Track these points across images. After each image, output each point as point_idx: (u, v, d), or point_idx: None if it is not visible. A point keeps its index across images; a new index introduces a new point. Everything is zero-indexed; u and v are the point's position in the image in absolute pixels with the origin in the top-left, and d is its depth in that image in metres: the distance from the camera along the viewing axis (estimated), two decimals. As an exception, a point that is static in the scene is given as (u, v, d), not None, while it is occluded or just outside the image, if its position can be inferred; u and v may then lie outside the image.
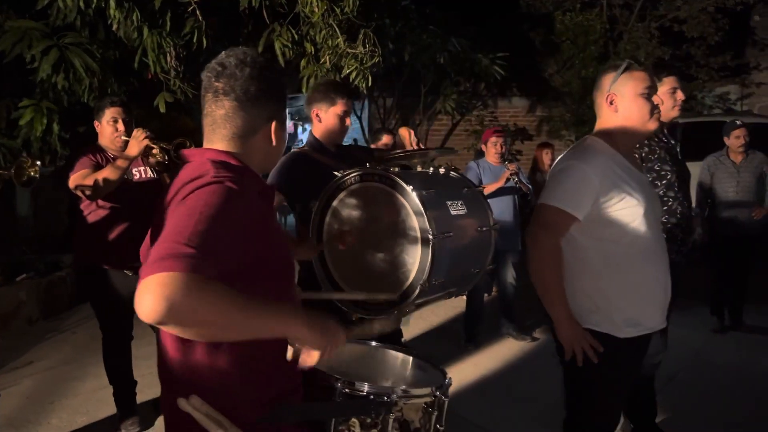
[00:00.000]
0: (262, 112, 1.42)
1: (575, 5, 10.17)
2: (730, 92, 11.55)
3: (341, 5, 5.42)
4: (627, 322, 2.15)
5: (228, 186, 1.24)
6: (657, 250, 2.22)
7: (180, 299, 1.03)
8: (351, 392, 1.45)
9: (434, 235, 1.76)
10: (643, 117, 2.20)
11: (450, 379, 1.63)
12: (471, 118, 10.85)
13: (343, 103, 2.83)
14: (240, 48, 1.43)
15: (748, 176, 4.99)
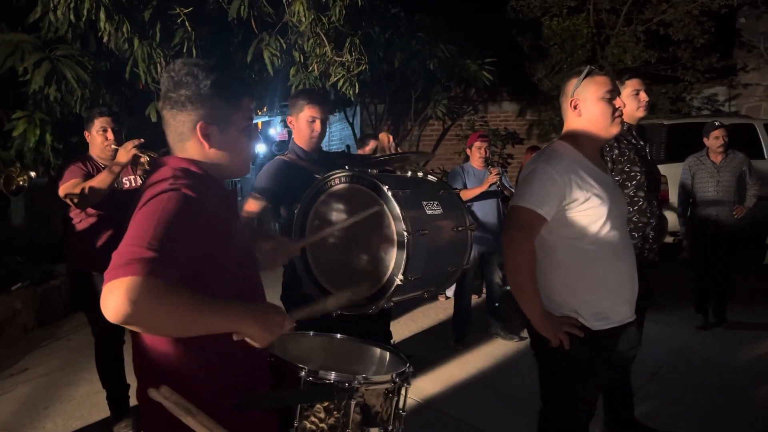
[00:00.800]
0: (188, 118, 1.45)
1: (562, 10, 10.32)
2: (718, 94, 11.69)
3: (328, 14, 5.54)
4: (596, 316, 2.24)
5: (184, 193, 1.33)
6: (623, 247, 2.31)
7: (141, 302, 1.14)
8: (315, 380, 1.54)
9: (410, 233, 1.85)
10: (605, 120, 2.29)
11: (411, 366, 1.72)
12: (462, 122, 10.96)
13: (310, 108, 2.90)
14: (193, 59, 1.49)
15: (728, 176, 5.09)
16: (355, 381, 1.54)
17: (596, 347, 2.29)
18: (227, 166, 1.51)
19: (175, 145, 1.50)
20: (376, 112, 10.63)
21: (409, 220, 1.87)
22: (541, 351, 2.41)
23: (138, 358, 1.47)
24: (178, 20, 5.16)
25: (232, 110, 1.48)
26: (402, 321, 5.73)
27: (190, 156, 1.48)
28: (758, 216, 5.67)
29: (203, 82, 1.43)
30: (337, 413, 1.48)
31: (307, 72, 5.70)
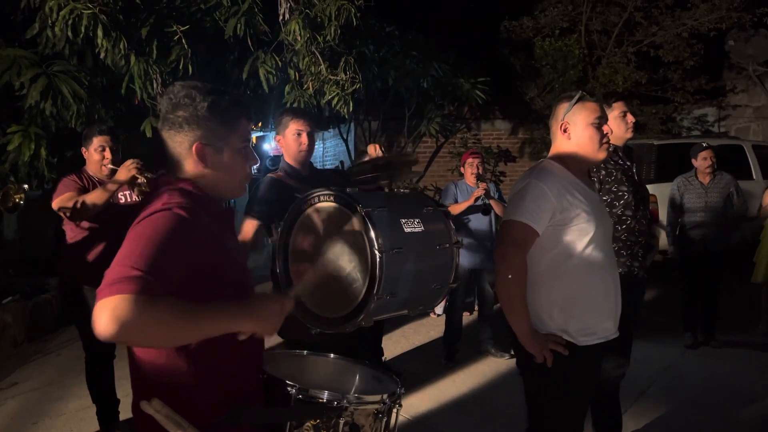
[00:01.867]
0: (184, 138, 1.49)
1: (554, 31, 10.47)
2: (708, 114, 11.86)
3: (324, 33, 5.62)
4: (581, 331, 2.28)
5: (176, 212, 1.37)
6: (607, 264, 2.36)
7: (128, 320, 1.18)
8: (305, 398, 1.57)
9: (382, 252, 1.88)
10: (593, 145, 2.36)
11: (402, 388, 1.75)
12: (455, 140, 11.05)
13: (295, 122, 2.95)
14: (192, 82, 1.52)
15: (715, 196, 5.17)
16: (344, 400, 1.57)
17: (582, 363, 2.33)
18: (223, 186, 1.55)
19: (172, 164, 1.53)
20: (370, 129, 10.71)
21: (383, 239, 1.90)
22: (528, 369, 2.44)
23: (133, 371, 1.50)
24: (175, 37, 5.21)
25: (227, 132, 1.51)
26: (393, 338, 5.75)
27: (186, 176, 1.52)
28: (747, 235, 5.75)
29: (200, 104, 1.47)
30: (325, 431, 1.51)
31: (302, 90, 5.76)
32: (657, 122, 10.45)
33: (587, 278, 2.30)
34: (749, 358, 4.99)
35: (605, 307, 2.35)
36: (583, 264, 2.28)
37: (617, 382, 3.37)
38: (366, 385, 1.87)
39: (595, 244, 2.29)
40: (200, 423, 1.35)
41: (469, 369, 4.88)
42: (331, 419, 1.53)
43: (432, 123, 10.14)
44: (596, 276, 2.31)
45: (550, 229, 2.27)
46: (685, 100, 10.73)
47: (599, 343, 2.35)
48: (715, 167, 5.25)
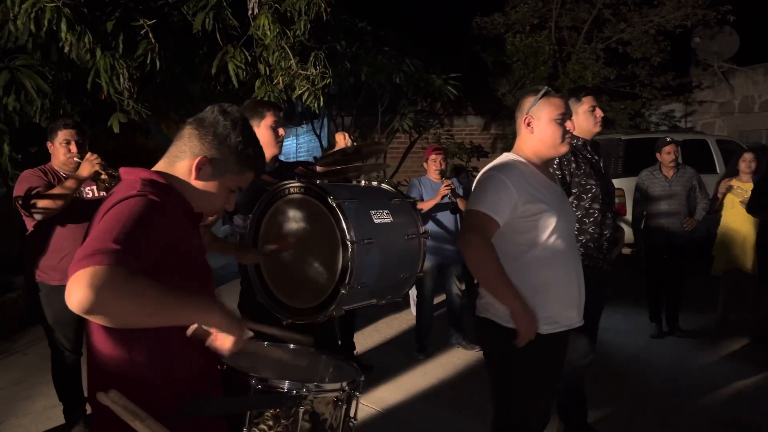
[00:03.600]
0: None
1: (525, 27, 10.59)
2: (675, 110, 12.11)
3: (293, 28, 5.60)
4: (545, 319, 2.33)
5: (150, 198, 1.39)
6: (570, 254, 2.42)
7: (105, 289, 1.17)
8: (264, 388, 1.59)
9: (353, 242, 1.91)
10: (555, 141, 2.40)
11: (362, 376, 1.78)
12: (428, 135, 11.11)
13: (272, 114, 2.97)
14: (237, 109, 1.61)
15: (679, 189, 5.30)
16: (303, 389, 1.59)
17: (547, 351, 2.38)
18: (194, 201, 1.58)
19: (169, 155, 1.58)
20: (344, 125, 10.71)
21: (354, 230, 1.93)
22: (494, 359, 2.50)
23: (91, 363, 1.49)
24: (142, 32, 5.14)
25: (233, 169, 1.59)
26: (366, 332, 5.77)
27: (169, 172, 1.56)
28: (711, 228, 5.89)
29: (237, 138, 1.56)
30: (285, 421, 1.52)
31: (272, 84, 5.74)
32: (625, 118, 10.64)
33: (550, 268, 2.35)
34: (711, 347, 5.13)
35: (568, 296, 2.40)
36: (546, 254, 2.34)
37: (583, 371, 3.44)
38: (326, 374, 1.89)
39: (557, 235, 2.34)
40: (158, 414, 1.35)
41: (440, 361, 4.93)
42: (291, 408, 1.54)
43: (405, 119, 10.18)
44: (559, 266, 2.37)
45: (512, 220, 2.31)
46: (653, 96, 10.93)
47: (563, 332, 2.41)
48: (678, 161, 5.37)
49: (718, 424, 3.75)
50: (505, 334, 2.34)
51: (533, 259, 2.33)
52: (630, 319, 5.81)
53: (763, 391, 4.24)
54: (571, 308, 2.42)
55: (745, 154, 5.56)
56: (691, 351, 5.05)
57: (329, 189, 2.07)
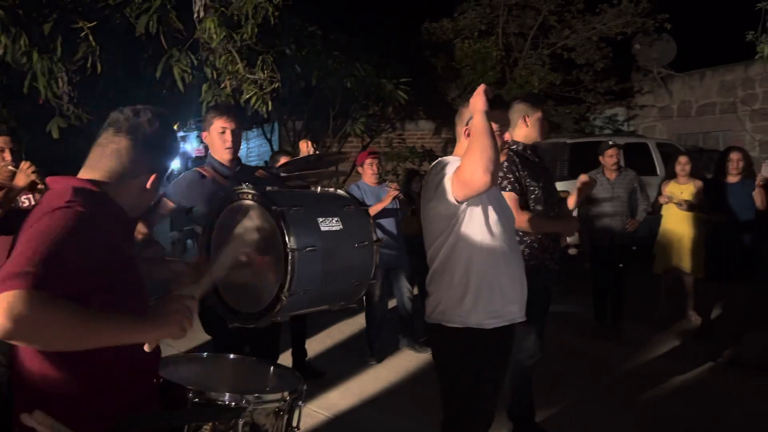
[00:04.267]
0: (150, 163, 1.56)
1: (473, 33, 10.77)
2: (618, 114, 12.52)
3: (240, 32, 5.54)
4: (490, 313, 2.41)
5: (77, 210, 1.34)
6: (511, 251, 2.52)
7: (24, 315, 1.12)
8: (202, 401, 1.56)
9: (294, 249, 1.91)
10: None
11: (305, 385, 1.77)
12: (380, 140, 11.15)
13: (219, 119, 2.95)
14: (158, 108, 1.63)
15: (621, 191, 5.48)
16: (243, 400, 1.57)
17: (491, 346, 2.44)
18: (133, 202, 1.58)
19: (97, 160, 1.54)
20: (295, 129, 10.64)
21: (295, 237, 1.93)
22: (441, 358, 2.54)
23: (16, 382, 1.43)
24: (82, 34, 5.00)
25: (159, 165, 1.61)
26: (319, 338, 5.73)
27: (97, 176, 1.51)
28: (654, 228, 6.11)
29: (156, 134, 1.57)
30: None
31: (220, 88, 5.66)
32: (571, 122, 10.94)
33: (492, 264, 2.43)
34: (653, 344, 5.31)
35: (510, 291, 2.48)
36: (488, 250, 2.42)
37: (530, 369, 3.52)
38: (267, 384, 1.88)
39: (498, 233, 2.43)
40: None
41: (392, 366, 4.94)
42: (230, 420, 1.52)
43: (357, 123, 10.18)
44: (501, 261, 2.45)
45: (462, 219, 2.38)
46: (597, 101, 11.28)
47: (507, 326, 2.47)
48: (620, 164, 5.55)
49: (660, 418, 3.88)
50: (454, 336, 2.42)
51: (476, 255, 2.41)
52: (574, 317, 5.96)
53: (702, 385, 4.42)
54: (513, 303, 2.50)
55: (680, 158, 5.80)
56: (634, 348, 5.21)
57: (274, 196, 2.07)
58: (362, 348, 5.18)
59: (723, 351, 4.80)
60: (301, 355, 4.82)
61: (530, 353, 3.46)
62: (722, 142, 10.84)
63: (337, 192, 2.60)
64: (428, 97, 10.78)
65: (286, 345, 4.80)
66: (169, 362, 1.84)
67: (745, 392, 4.24)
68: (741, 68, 10.64)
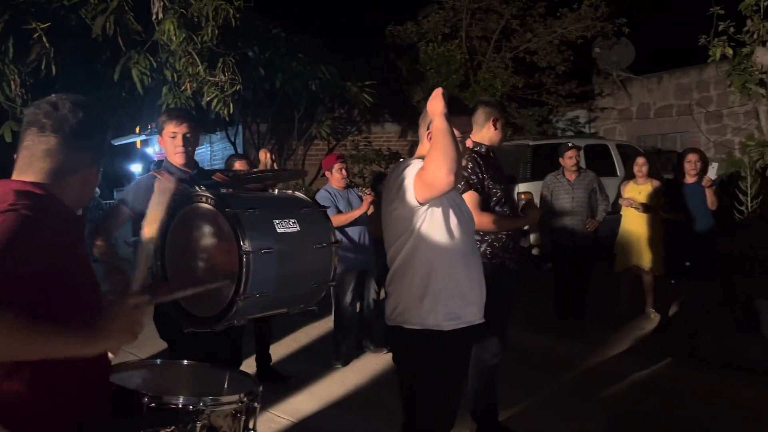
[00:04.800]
0: (86, 155, 1.52)
1: (437, 36, 10.86)
2: (580, 116, 12.77)
3: (201, 34, 5.48)
4: (448, 315, 2.42)
5: (23, 213, 1.30)
6: (470, 253, 2.54)
7: None
8: (158, 406, 1.54)
9: (248, 252, 1.90)
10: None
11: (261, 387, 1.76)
12: (346, 143, 11.15)
13: (170, 123, 2.93)
14: (76, 95, 1.55)
15: (581, 192, 5.58)
16: (200, 403, 1.55)
17: (450, 348, 2.45)
18: (76, 198, 1.54)
19: (24, 164, 1.49)
20: (259, 132, 10.56)
21: (249, 240, 1.92)
22: (402, 363, 2.54)
23: None
24: (35, 35, 4.87)
25: (96, 154, 1.56)
26: (284, 342, 5.69)
27: (34, 179, 1.46)
28: (614, 228, 6.24)
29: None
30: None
31: (180, 91, 5.58)
32: (533, 124, 11.10)
33: (452, 266, 2.44)
34: (613, 341, 5.42)
35: (469, 292, 2.49)
36: (448, 252, 2.42)
37: (493, 369, 3.55)
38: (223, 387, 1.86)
39: (458, 235, 2.44)
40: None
41: (357, 368, 4.93)
42: (188, 424, 1.51)
43: (322, 126, 10.17)
44: (460, 263, 2.46)
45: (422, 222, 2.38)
46: (558, 103, 11.48)
47: (466, 328, 2.48)
48: (579, 165, 5.65)
49: (621, 413, 3.96)
50: (413, 337, 2.42)
51: (436, 257, 2.41)
52: (537, 317, 6.05)
53: (661, 379, 4.53)
54: (472, 305, 2.51)
55: (637, 159, 5.93)
56: (596, 345, 5.31)
57: (229, 199, 2.06)
58: (328, 351, 5.16)
59: (680, 347, 4.93)
60: (265, 360, 4.77)
61: (493, 353, 3.49)
62: (680, 143, 11.15)
63: (295, 194, 2.59)
64: (394, 99, 10.82)
65: (251, 350, 4.75)
66: (123, 369, 1.81)
67: (701, 386, 4.36)
68: (696, 71, 10.97)
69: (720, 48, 5.01)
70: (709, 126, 10.72)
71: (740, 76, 5.09)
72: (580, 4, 10.76)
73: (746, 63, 5.06)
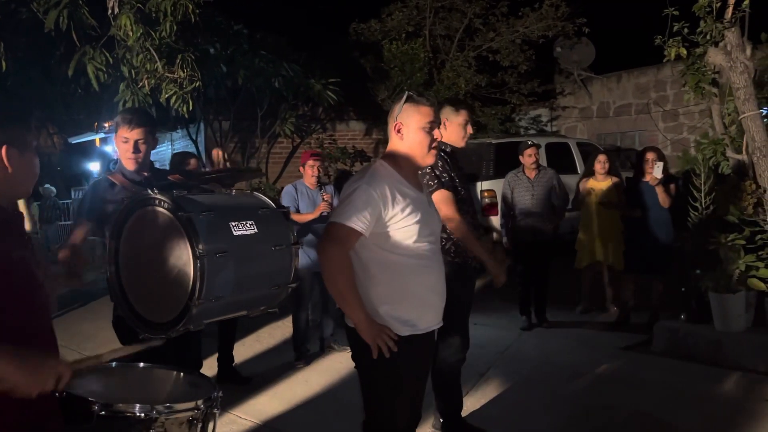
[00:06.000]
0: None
1: (401, 34, 10.87)
2: (542, 115, 12.95)
3: (159, 29, 5.36)
4: (404, 323, 2.40)
5: None
6: (433, 260, 2.50)
7: None
8: (108, 413, 1.49)
9: (202, 255, 1.85)
10: (422, 149, 2.46)
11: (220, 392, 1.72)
12: (311, 140, 11.08)
13: (124, 128, 2.84)
14: None
15: (540, 190, 5.66)
16: (153, 411, 1.51)
17: (408, 351, 2.43)
18: (18, 188, 1.49)
19: None
20: (221, 129, 10.42)
21: (204, 243, 1.88)
22: (361, 362, 2.52)
23: None
24: (-16, 29, 4.70)
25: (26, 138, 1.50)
26: (247, 342, 5.63)
27: None
28: (575, 225, 6.34)
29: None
30: (135, 447, 1.44)
31: (137, 87, 5.45)
32: (496, 122, 11.22)
33: (412, 274, 2.41)
34: (576, 337, 5.51)
35: (427, 301, 2.47)
36: (408, 260, 2.40)
37: (458, 366, 3.56)
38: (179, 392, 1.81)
39: (420, 242, 2.41)
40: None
41: (320, 368, 4.90)
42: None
43: (286, 123, 10.09)
44: (420, 271, 2.43)
45: (377, 228, 2.35)
46: (521, 102, 11.63)
47: (422, 334, 2.47)
48: (539, 163, 5.73)
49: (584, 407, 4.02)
50: None
51: (396, 266, 2.38)
52: (501, 313, 6.11)
53: (621, 372, 4.62)
54: (429, 312, 2.49)
55: (599, 156, 6.03)
56: (558, 341, 5.39)
57: (183, 201, 2.01)
58: (290, 351, 5.12)
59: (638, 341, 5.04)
60: (227, 361, 4.71)
61: (456, 351, 3.50)
62: (638, 142, 11.41)
63: (253, 194, 2.55)
64: (358, 97, 10.80)
65: (213, 350, 4.68)
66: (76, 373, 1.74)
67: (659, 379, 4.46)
68: (653, 71, 11.23)
69: (674, 48, 5.12)
70: (666, 124, 11.00)
71: (694, 76, 5.21)
72: (542, 4, 10.91)
73: (699, 63, 5.18)
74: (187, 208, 1.94)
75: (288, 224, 2.55)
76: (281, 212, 2.58)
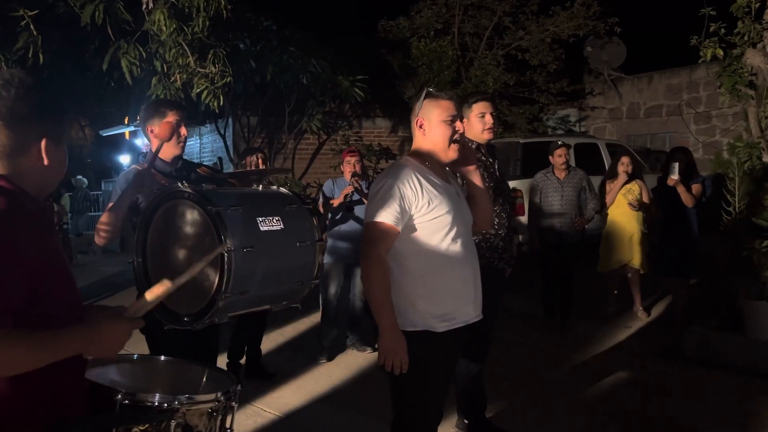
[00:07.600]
0: (31, 131, 1.42)
1: (429, 32, 10.82)
2: (570, 115, 12.79)
3: (191, 25, 5.42)
4: (442, 317, 2.40)
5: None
6: (467, 254, 2.49)
7: None
8: (132, 403, 1.52)
9: (229, 250, 1.88)
10: (444, 143, 2.46)
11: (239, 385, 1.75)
12: (336, 137, 11.11)
13: (173, 113, 2.85)
14: (7, 70, 1.46)
15: (570, 190, 5.59)
16: (175, 402, 1.54)
17: (441, 349, 2.44)
18: (41, 180, 1.48)
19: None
20: (249, 125, 10.50)
21: (231, 238, 1.91)
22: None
23: None
24: (22, 23, 4.80)
25: (61, 129, 1.50)
26: (272, 337, 5.66)
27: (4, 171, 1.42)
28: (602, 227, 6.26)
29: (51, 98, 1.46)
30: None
31: (170, 82, 5.53)
32: (524, 122, 11.10)
33: (448, 268, 2.41)
34: (598, 340, 5.45)
35: (465, 294, 2.47)
36: (444, 254, 2.40)
37: (480, 367, 3.54)
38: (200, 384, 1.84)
39: (453, 235, 2.41)
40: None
41: (345, 364, 4.92)
42: (162, 422, 1.49)
43: (313, 120, 10.14)
44: (457, 265, 2.43)
45: (409, 222, 2.36)
46: (549, 102, 11.48)
47: (458, 328, 2.47)
48: (569, 163, 5.66)
49: (608, 411, 3.98)
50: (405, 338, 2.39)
51: (432, 259, 2.39)
52: (525, 314, 6.07)
53: (647, 378, 4.56)
54: (467, 305, 2.49)
55: (622, 158, 5.91)
56: (580, 343, 5.33)
57: (211, 195, 2.03)
58: (314, 345, 5.14)
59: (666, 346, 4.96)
60: (255, 356, 4.75)
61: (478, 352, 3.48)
62: (668, 144, 11.19)
63: (280, 190, 2.57)
64: (385, 95, 10.79)
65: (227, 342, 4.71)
66: (98, 364, 1.78)
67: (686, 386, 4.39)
68: (686, 72, 11.01)
69: (711, 49, 5.02)
70: (698, 127, 10.78)
71: (730, 78, 5.10)
72: (573, 3, 10.77)
73: (736, 64, 5.07)
74: (216, 202, 1.96)
75: (312, 221, 2.56)
76: (307, 209, 2.60)
